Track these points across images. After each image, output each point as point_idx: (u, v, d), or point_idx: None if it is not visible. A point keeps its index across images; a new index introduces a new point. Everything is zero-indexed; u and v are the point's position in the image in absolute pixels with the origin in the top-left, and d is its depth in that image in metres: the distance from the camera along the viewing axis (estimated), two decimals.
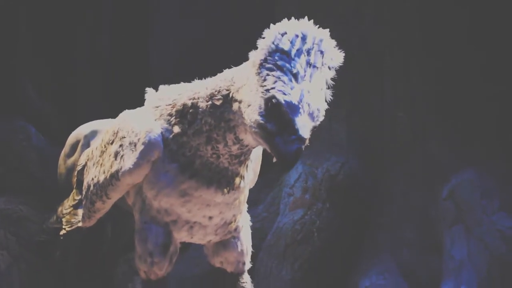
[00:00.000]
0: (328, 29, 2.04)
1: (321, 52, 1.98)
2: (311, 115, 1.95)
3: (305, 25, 2.00)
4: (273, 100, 1.92)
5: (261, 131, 1.99)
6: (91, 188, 2.55)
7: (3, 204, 3.53)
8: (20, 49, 4.32)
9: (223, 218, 2.40)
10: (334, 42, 2.03)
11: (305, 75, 1.94)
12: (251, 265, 2.61)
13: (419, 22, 3.85)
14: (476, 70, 3.75)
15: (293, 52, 1.95)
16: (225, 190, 2.28)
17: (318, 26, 2.00)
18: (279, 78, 1.92)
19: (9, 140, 3.86)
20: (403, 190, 3.81)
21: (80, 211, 2.77)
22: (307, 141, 1.98)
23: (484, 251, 3.26)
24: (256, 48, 2.01)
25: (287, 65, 1.93)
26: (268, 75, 1.94)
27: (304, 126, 1.94)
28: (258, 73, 1.97)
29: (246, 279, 2.57)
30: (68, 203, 2.89)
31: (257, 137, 2.03)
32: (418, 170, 3.81)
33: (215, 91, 2.17)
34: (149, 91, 2.41)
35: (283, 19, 2.00)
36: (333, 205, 3.69)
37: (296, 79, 1.93)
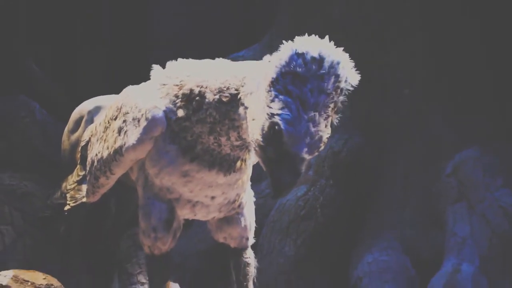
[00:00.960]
0: (348, 54, 1.94)
1: (336, 76, 1.89)
2: (312, 148, 1.89)
3: (323, 46, 1.90)
4: (276, 127, 1.87)
5: (260, 152, 1.97)
6: (95, 163, 2.56)
7: (7, 180, 3.54)
8: (22, 26, 4.31)
9: (226, 198, 2.40)
10: (351, 64, 1.94)
11: (314, 103, 1.86)
12: (255, 240, 2.62)
13: None
14: (481, 49, 3.74)
15: (307, 77, 1.85)
16: (227, 173, 2.29)
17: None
18: (287, 104, 1.85)
19: (13, 116, 3.86)
20: (406, 167, 3.81)
21: (84, 187, 2.78)
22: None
23: (487, 228, 3.26)
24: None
25: (297, 91, 1.85)
26: (276, 97, 1.87)
27: (302, 159, 1.90)
28: (268, 91, 1.90)
29: (249, 254, 2.57)
30: (72, 178, 2.89)
31: (256, 155, 2.02)
32: (421, 147, 3.81)
33: (224, 87, 2.13)
34: (156, 67, 2.39)
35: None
36: (336, 182, 3.70)
37: (304, 108, 1.85)
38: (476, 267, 3.15)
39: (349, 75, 1.93)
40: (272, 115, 1.88)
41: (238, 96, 2.10)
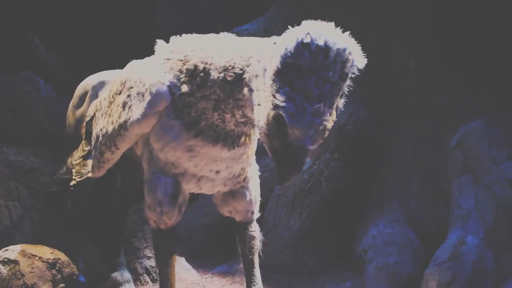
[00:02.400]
0: (352, 27, 1.92)
1: (342, 63, 1.88)
2: (316, 138, 1.92)
3: (329, 34, 1.88)
4: (280, 119, 1.89)
5: (265, 140, 2.00)
6: (100, 138, 2.56)
7: (13, 156, 3.55)
8: (25, 2, 4.30)
9: (231, 172, 2.41)
10: (358, 48, 1.92)
11: (318, 95, 1.86)
12: (260, 214, 2.63)
13: None
14: (487, 21, 3.70)
15: (312, 69, 1.85)
16: (232, 147, 2.29)
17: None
18: (291, 97, 1.86)
19: (18, 92, 3.86)
20: (411, 140, 3.80)
21: (89, 162, 2.79)
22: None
23: (492, 200, 3.26)
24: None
25: (302, 83, 1.85)
26: (281, 88, 1.87)
27: (306, 151, 1.93)
28: (273, 80, 1.90)
29: (254, 228, 2.59)
30: (78, 154, 2.90)
31: (262, 140, 2.04)
32: (426, 120, 3.80)
33: (229, 66, 2.13)
34: (160, 42, 2.38)
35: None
36: (341, 155, 3.69)
37: (308, 100, 1.86)
38: (480, 239, 3.15)
39: (356, 59, 1.92)
40: (276, 106, 1.89)
41: (243, 77, 2.09)
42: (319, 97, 1.86)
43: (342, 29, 1.93)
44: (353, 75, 1.93)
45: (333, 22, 1.93)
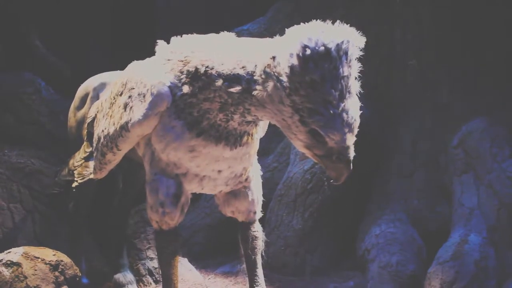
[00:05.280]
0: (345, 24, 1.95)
1: (345, 53, 1.91)
2: (352, 132, 1.97)
3: (322, 34, 1.90)
4: (314, 132, 1.95)
5: (306, 151, 2.06)
6: (102, 140, 2.56)
7: (15, 158, 3.55)
8: (27, 3, 4.30)
9: (232, 172, 2.40)
10: (353, 31, 1.95)
11: (339, 95, 1.91)
12: (262, 214, 2.62)
13: None
14: (489, 20, 3.70)
15: (323, 77, 1.89)
16: (233, 147, 2.29)
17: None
18: (316, 110, 1.91)
19: (19, 94, 3.86)
20: (414, 139, 3.80)
21: (91, 163, 2.79)
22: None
23: (494, 198, 3.26)
24: None
25: (319, 94, 1.89)
26: (302, 106, 1.93)
27: (348, 148, 2.00)
28: (291, 99, 1.94)
29: (257, 228, 2.58)
30: (79, 155, 2.90)
31: (303, 151, 2.08)
32: (428, 118, 3.80)
33: (232, 75, 2.12)
34: (160, 43, 2.38)
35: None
36: None
37: (332, 105, 1.90)
38: (483, 238, 3.15)
39: (355, 41, 1.95)
40: (305, 123, 1.95)
41: (251, 92, 2.08)
42: (340, 97, 1.91)
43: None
44: (358, 56, 1.96)
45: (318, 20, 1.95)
